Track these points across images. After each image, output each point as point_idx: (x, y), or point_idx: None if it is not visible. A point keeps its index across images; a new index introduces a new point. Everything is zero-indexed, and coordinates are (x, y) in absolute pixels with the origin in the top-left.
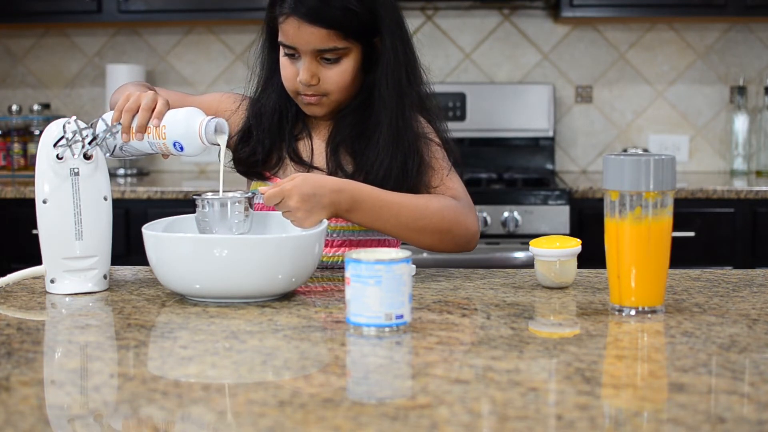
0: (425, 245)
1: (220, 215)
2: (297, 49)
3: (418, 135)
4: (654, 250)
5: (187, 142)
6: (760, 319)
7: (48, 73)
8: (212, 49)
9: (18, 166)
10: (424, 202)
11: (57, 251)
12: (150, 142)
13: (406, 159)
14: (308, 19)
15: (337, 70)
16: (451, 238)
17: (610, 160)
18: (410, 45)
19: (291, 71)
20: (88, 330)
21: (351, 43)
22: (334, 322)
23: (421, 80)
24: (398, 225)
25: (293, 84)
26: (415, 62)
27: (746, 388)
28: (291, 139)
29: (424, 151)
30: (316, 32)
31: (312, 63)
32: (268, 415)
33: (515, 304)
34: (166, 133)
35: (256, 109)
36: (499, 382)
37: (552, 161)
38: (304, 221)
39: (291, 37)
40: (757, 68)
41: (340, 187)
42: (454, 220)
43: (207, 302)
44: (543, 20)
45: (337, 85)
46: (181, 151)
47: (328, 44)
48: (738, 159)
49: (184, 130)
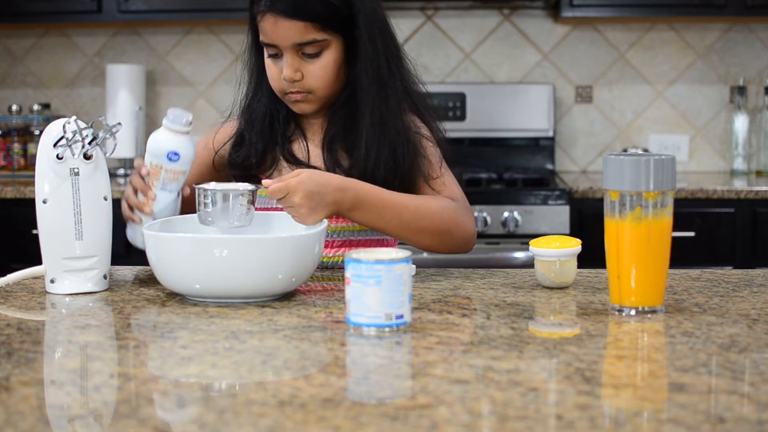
0: (424, 246)
1: (221, 207)
2: (278, 47)
3: (408, 126)
4: (654, 250)
5: (170, 145)
6: (760, 319)
7: (48, 73)
8: (212, 49)
9: (18, 166)
10: (425, 203)
11: (57, 251)
12: (161, 189)
13: (394, 147)
14: (284, 14)
15: (319, 64)
16: (450, 239)
17: (610, 160)
18: (390, 35)
19: (275, 71)
20: (88, 330)
21: (330, 35)
22: (334, 322)
23: (405, 70)
24: (399, 225)
25: (279, 83)
26: (398, 53)
27: (746, 388)
28: (284, 141)
29: (416, 142)
30: (294, 26)
31: (294, 59)
32: (268, 415)
33: (515, 304)
34: (152, 162)
35: (247, 115)
36: (499, 382)
37: (552, 161)
38: (307, 218)
39: (270, 34)
40: (757, 68)
41: (344, 185)
42: (453, 222)
43: (207, 302)
44: (543, 20)
45: (321, 80)
46: (178, 158)
47: (306, 37)
48: (738, 159)
49: (153, 139)
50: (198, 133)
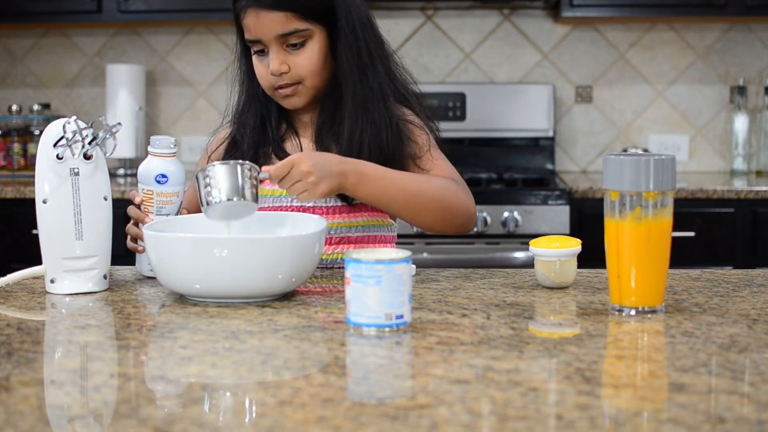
0: (427, 223)
1: (225, 180)
2: (262, 41)
3: (392, 111)
4: (654, 250)
5: (157, 168)
6: (760, 319)
7: (48, 73)
8: (212, 49)
9: (18, 166)
10: (425, 179)
11: (57, 251)
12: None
13: (378, 130)
14: (264, 6)
15: (304, 54)
16: (450, 217)
17: (610, 160)
18: (371, 24)
19: (263, 68)
20: (88, 330)
21: (312, 25)
22: (334, 322)
23: (389, 59)
24: (403, 200)
25: (268, 80)
26: (378, 41)
27: (746, 388)
28: (277, 140)
29: (402, 126)
30: (275, 17)
31: (279, 51)
32: (268, 415)
33: (515, 304)
34: (144, 189)
35: (239, 120)
36: (499, 382)
37: (552, 161)
38: (317, 187)
39: (253, 29)
40: (757, 68)
41: (344, 159)
42: (453, 198)
43: (207, 302)
44: (543, 20)
45: (308, 69)
46: (166, 180)
47: (288, 27)
48: (738, 159)
49: (141, 168)
50: (197, 133)
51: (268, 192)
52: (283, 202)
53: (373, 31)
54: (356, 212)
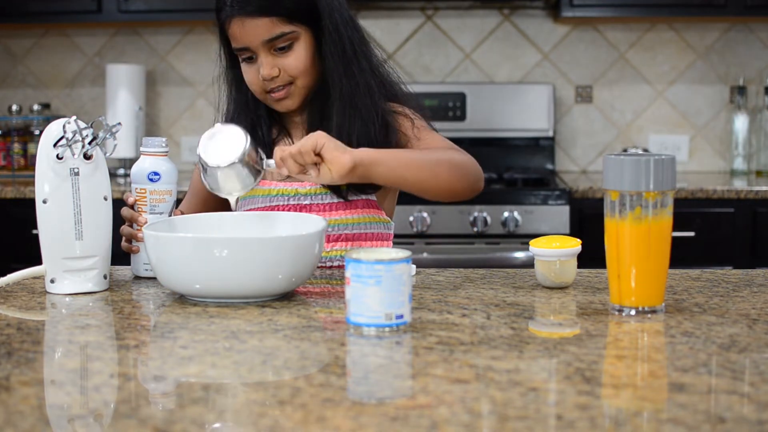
0: (444, 185)
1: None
2: (250, 48)
3: (378, 105)
4: (654, 250)
5: (149, 167)
6: (760, 319)
7: (48, 73)
8: (212, 49)
9: (18, 166)
10: (428, 150)
11: (57, 251)
12: (150, 213)
13: (366, 123)
14: (249, 14)
15: (293, 55)
16: (465, 173)
17: (610, 160)
18: (353, 21)
19: (253, 74)
20: (88, 330)
21: (297, 26)
22: (334, 322)
23: (372, 55)
24: (418, 167)
25: (259, 85)
26: (361, 37)
27: (746, 388)
28: (269, 144)
29: (390, 119)
30: (260, 23)
31: (268, 56)
32: (268, 415)
33: (515, 304)
34: (137, 188)
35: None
36: (499, 382)
37: (552, 161)
38: (342, 155)
39: (239, 38)
40: (757, 68)
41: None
42: (461, 157)
43: (207, 302)
44: (543, 20)
45: (298, 69)
46: (159, 177)
47: (274, 31)
48: (738, 159)
49: (133, 168)
50: (197, 133)
51: (264, 192)
52: (279, 201)
53: (355, 28)
54: (352, 209)
